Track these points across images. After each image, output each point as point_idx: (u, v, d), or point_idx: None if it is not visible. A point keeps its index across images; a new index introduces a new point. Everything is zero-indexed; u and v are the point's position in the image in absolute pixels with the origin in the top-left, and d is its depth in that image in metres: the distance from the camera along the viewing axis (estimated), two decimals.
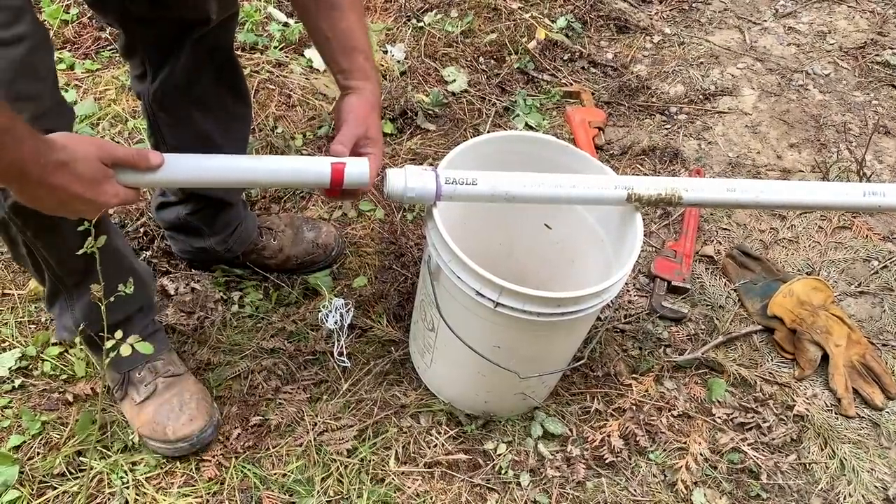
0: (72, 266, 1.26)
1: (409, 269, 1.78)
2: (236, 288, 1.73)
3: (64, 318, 1.37)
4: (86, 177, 0.98)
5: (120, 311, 1.29)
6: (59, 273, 1.29)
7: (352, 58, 1.22)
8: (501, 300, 1.19)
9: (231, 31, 1.41)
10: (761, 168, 2.12)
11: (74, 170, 0.97)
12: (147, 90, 1.39)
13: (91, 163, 0.99)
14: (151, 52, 1.35)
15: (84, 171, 0.98)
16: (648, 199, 1.29)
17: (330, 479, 1.43)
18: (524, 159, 1.41)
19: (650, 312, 1.76)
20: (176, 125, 1.43)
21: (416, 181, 1.20)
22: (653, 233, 1.94)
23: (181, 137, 1.44)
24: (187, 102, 1.40)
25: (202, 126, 1.43)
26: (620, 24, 2.53)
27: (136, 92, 1.46)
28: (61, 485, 1.39)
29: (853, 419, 1.62)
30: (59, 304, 1.36)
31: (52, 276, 1.30)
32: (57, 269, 1.29)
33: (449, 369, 1.49)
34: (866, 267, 1.90)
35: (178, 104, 1.40)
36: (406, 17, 2.44)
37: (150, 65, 1.36)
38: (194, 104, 1.40)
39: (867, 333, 1.75)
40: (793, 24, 2.61)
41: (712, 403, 1.60)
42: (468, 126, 2.15)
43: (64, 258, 1.25)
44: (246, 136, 1.58)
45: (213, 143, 1.45)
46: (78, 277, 1.30)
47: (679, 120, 2.25)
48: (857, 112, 2.31)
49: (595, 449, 1.51)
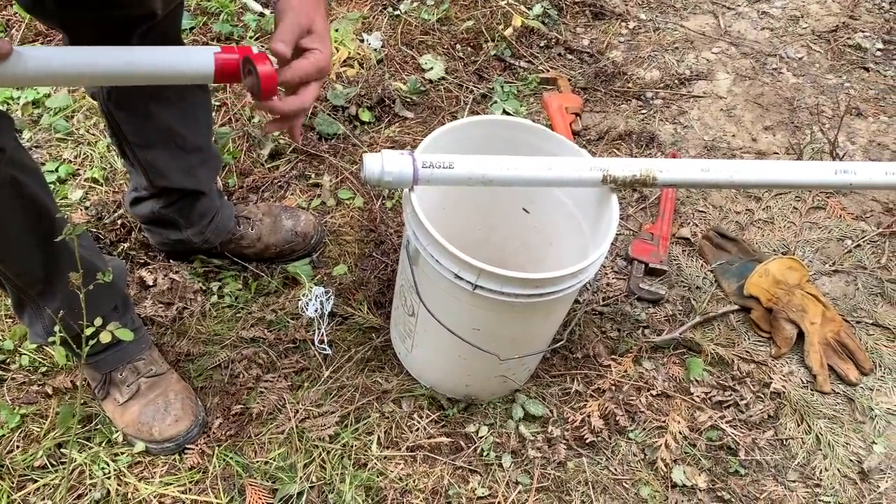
0: (32, 277, 1.24)
1: (390, 256, 1.78)
2: (215, 278, 1.72)
3: (35, 327, 1.35)
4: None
5: (93, 312, 1.21)
6: (19, 285, 1.26)
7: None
8: (480, 283, 1.20)
9: (178, 21, 1.37)
10: (737, 151, 2.14)
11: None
12: (100, 90, 1.36)
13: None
14: None
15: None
16: (623, 180, 1.30)
17: (313, 466, 1.44)
18: (501, 144, 1.41)
19: (628, 294, 1.77)
20: (136, 122, 1.40)
21: (393, 165, 1.20)
22: (630, 216, 1.95)
23: (143, 133, 1.42)
24: (143, 98, 1.37)
25: (162, 118, 1.40)
26: (596, 10, 2.54)
27: (89, 94, 1.42)
28: (42, 477, 1.38)
29: (829, 395, 1.65)
30: (28, 313, 1.33)
31: (12, 287, 1.28)
32: (17, 281, 1.26)
33: (430, 354, 1.49)
34: (840, 246, 1.93)
35: (134, 101, 1.37)
36: (382, 6, 2.43)
37: None
38: (151, 98, 1.37)
39: (841, 311, 1.78)
40: (766, 9, 2.63)
41: (690, 382, 1.62)
42: (446, 113, 2.15)
43: (21, 271, 1.23)
44: (209, 122, 1.56)
45: (177, 132, 1.43)
46: (40, 287, 1.26)
47: (655, 105, 2.26)
48: (830, 94, 2.34)
49: (575, 429, 1.52)
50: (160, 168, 1.48)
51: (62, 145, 1.95)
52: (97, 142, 1.96)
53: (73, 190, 1.85)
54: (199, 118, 1.50)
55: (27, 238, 1.17)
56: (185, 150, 1.48)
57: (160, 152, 1.46)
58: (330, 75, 2.18)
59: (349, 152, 2.01)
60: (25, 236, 1.17)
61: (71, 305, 1.24)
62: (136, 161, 1.47)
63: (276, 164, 1.97)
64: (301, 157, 1.98)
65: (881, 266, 1.88)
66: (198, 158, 1.52)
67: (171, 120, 1.42)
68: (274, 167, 1.96)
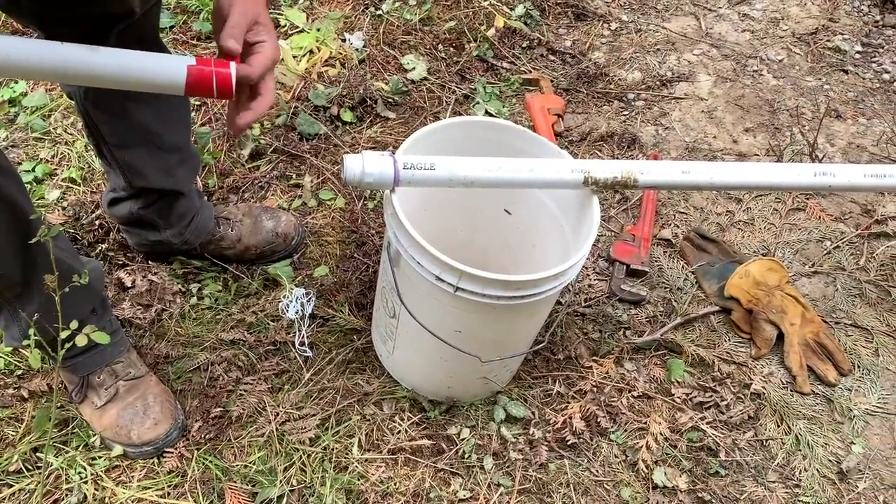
0: (9, 280, 1.22)
1: (371, 257, 1.77)
2: (195, 280, 1.70)
3: (11, 330, 1.32)
4: None
5: (70, 315, 1.20)
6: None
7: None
8: (461, 284, 1.20)
9: (156, 19, 1.35)
10: (718, 152, 2.16)
11: None
12: (77, 90, 1.35)
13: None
14: None
15: None
16: (605, 182, 1.30)
17: (293, 469, 1.43)
18: (483, 145, 1.41)
19: (609, 296, 1.78)
20: (112, 122, 1.39)
21: (374, 166, 1.20)
22: (611, 217, 1.96)
23: (120, 132, 1.40)
24: (120, 96, 1.35)
25: (139, 118, 1.39)
26: (578, 11, 2.55)
27: (66, 92, 1.40)
28: (17, 482, 1.36)
29: (808, 396, 1.66)
30: (4, 316, 1.31)
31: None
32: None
33: (411, 355, 1.49)
34: (819, 247, 1.94)
35: (112, 100, 1.35)
36: (364, 6, 2.42)
37: None
38: (127, 98, 1.36)
39: (820, 312, 1.79)
40: (747, 11, 2.65)
41: (671, 384, 1.63)
42: (428, 114, 2.14)
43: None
44: (187, 120, 1.55)
45: (154, 132, 1.42)
46: (18, 290, 1.24)
47: (637, 106, 2.27)
48: (810, 97, 2.36)
49: (557, 431, 1.52)
50: (138, 168, 1.46)
51: (39, 145, 1.93)
52: (75, 141, 1.93)
53: (50, 190, 1.83)
54: (177, 117, 1.48)
55: (3, 240, 1.15)
56: (163, 150, 1.46)
57: (138, 152, 1.44)
58: (311, 75, 2.17)
59: (331, 153, 2.00)
60: (1, 238, 1.15)
61: (48, 308, 1.22)
62: (113, 161, 1.45)
63: (256, 165, 1.95)
64: (282, 158, 1.97)
65: (860, 267, 1.90)
66: (176, 158, 1.50)
67: (148, 119, 1.40)
68: (254, 167, 1.94)
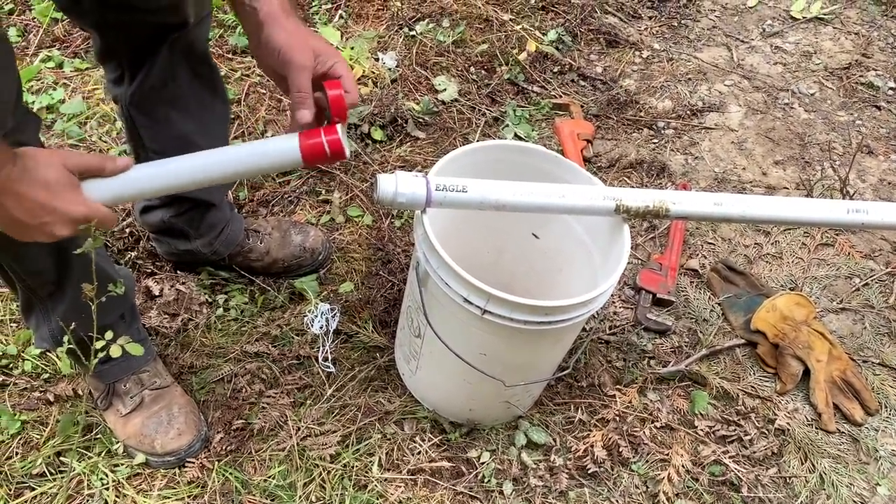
0: (43, 278, 1.24)
1: (396, 275, 1.78)
2: (222, 291, 1.72)
3: (41, 330, 1.34)
4: (50, 182, 0.94)
5: (100, 320, 1.21)
6: (31, 285, 1.26)
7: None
8: (489, 307, 1.20)
9: (206, 30, 1.39)
10: (747, 184, 2.15)
11: (37, 175, 0.93)
12: (124, 93, 1.37)
13: (55, 168, 0.96)
14: (128, 55, 1.32)
15: (48, 175, 0.94)
16: (636, 210, 1.30)
17: (312, 485, 1.42)
18: (514, 168, 1.41)
19: (635, 324, 1.77)
20: (154, 127, 1.41)
21: (407, 187, 1.20)
22: (638, 245, 1.95)
23: (160, 140, 1.42)
24: (165, 104, 1.38)
25: (181, 127, 1.41)
26: (610, 38, 2.55)
27: (112, 96, 1.43)
28: (40, 485, 1.37)
29: (833, 434, 1.63)
30: (35, 315, 1.33)
31: (23, 288, 1.28)
32: (29, 282, 1.26)
33: (434, 376, 1.49)
34: (848, 284, 1.92)
35: (156, 106, 1.38)
36: (398, 26, 2.45)
37: (127, 68, 1.34)
38: (172, 105, 1.39)
39: (848, 350, 1.77)
40: (779, 44, 2.64)
41: (695, 416, 1.61)
42: (458, 135, 2.15)
43: (34, 270, 1.23)
44: (225, 135, 1.57)
45: (194, 143, 1.43)
46: (51, 288, 1.27)
47: (667, 134, 2.27)
48: (841, 131, 2.34)
49: (578, 459, 1.51)
50: None
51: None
52: (109, 149, 1.96)
53: None
54: (217, 131, 1.50)
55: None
56: None
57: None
58: None
59: (360, 170, 2.01)
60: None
61: (78, 308, 1.24)
62: None
63: (286, 179, 1.97)
64: (312, 173, 1.99)
65: (889, 306, 1.87)
66: None
67: (190, 129, 1.42)
68: (285, 182, 1.96)
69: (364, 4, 2.50)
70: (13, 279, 1.26)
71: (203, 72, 1.41)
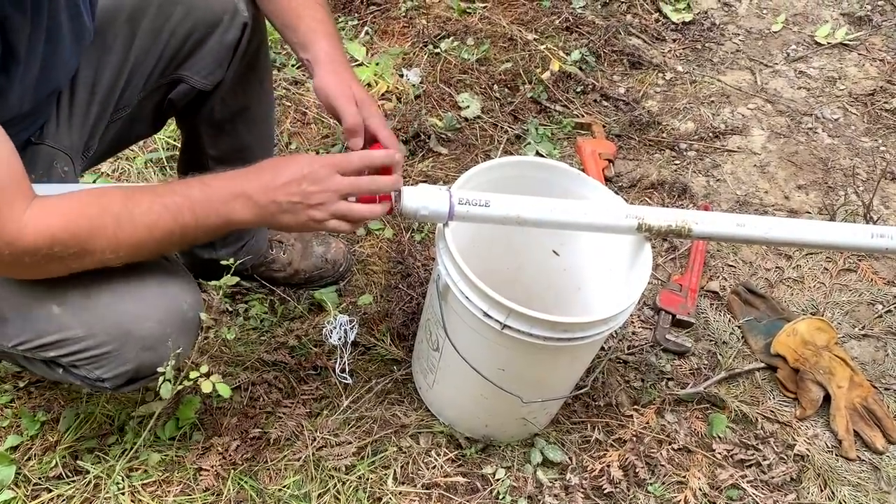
0: None
1: (416, 289, 1.78)
2: (242, 300, 1.73)
3: None
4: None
5: None
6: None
7: (299, 30, 1.26)
8: (509, 322, 1.20)
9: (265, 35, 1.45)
10: (769, 207, 2.14)
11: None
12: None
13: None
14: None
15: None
16: (658, 230, 1.30)
17: (327, 496, 1.42)
18: (536, 185, 1.42)
19: (654, 345, 1.76)
20: (220, 136, 1.47)
21: (430, 200, 1.21)
22: (659, 266, 1.94)
23: (223, 147, 1.48)
24: (240, 119, 1.45)
25: (246, 138, 1.48)
26: (634, 59, 2.56)
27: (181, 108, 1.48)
28: (56, 487, 1.38)
29: (854, 461, 1.61)
30: None
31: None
32: None
33: (451, 390, 1.49)
34: (870, 310, 1.90)
35: (234, 119, 1.45)
36: (423, 43, 2.47)
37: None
38: (245, 120, 1.45)
39: (870, 377, 1.75)
40: (804, 69, 2.64)
41: (713, 438, 1.60)
42: (480, 151, 2.16)
43: None
44: (272, 146, 1.64)
45: (252, 155, 1.44)
46: None
47: (689, 156, 2.27)
48: (865, 157, 2.33)
49: (594, 478, 1.50)
50: None
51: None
52: (136, 157, 1.99)
53: None
54: (267, 143, 1.57)
55: None
56: None
57: (231, 167, 1.50)
58: None
59: None
60: None
61: None
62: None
63: None
64: None
65: None
66: None
67: (251, 141, 1.48)
68: None
69: (389, 21, 2.53)
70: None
71: (266, 78, 1.49)
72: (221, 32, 1.31)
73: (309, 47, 1.25)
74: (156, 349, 1.15)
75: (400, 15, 2.55)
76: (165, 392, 1.20)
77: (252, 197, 1.08)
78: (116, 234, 1.02)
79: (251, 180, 1.10)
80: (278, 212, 1.10)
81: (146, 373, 1.17)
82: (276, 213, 1.10)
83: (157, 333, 1.14)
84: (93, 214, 1.01)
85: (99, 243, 1.01)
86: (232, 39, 1.32)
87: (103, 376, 1.15)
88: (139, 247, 1.05)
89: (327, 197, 1.10)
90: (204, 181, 1.09)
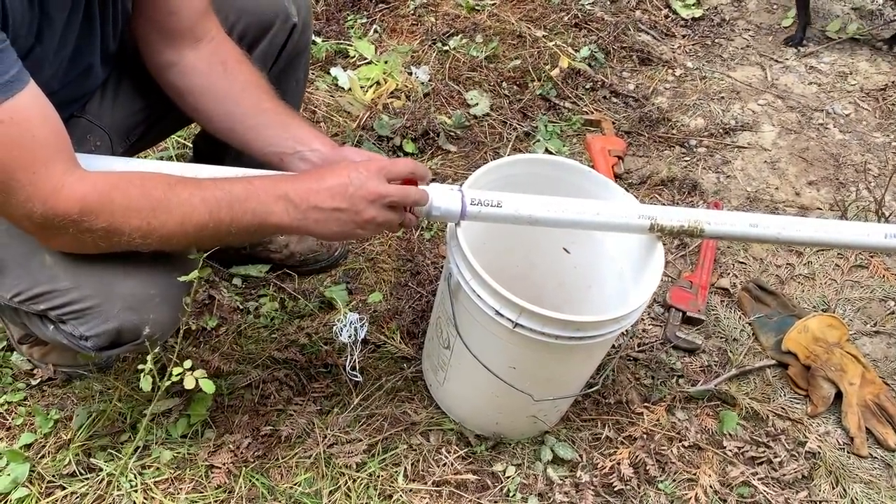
0: None
1: (425, 286, 1.78)
2: (253, 297, 1.74)
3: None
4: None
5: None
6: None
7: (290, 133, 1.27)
8: (520, 321, 1.20)
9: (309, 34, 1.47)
10: (779, 204, 2.13)
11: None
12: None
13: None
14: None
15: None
16: (671, 229, 1.30)
17: (338, 493, 1.43)
18: (546, 182, 1.41)
19: (664, 342, 1.75)
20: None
21: (442, 200, 1.21)
22: (669, 263, 1.94)
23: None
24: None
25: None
26: (643, 56, 2.56)
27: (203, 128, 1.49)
28: (70, 485, 1.39)
29: (865, 459, 1.60)
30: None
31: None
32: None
33: (462, 388, 1.49)
34: (882, 307, 1.90)
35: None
36: (432, 41, 2.47)
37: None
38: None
39: (882, 374, 1.74)
40: (814, 64, 2.63)
41: (723, 436, 1.59)
42: (489, 149, 2.16)
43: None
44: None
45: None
46: None
47: (699, 153, 2.26)
48: (877, 153, 2.32)
49: (604, 476, 1.50)
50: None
51: None
52: (147, 155, 1.99)
53: None
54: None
55: None
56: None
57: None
58: (377, 105, 2.21)
59: None
60: None
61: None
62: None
63: None
64: None
65: None
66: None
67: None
68: None
69: (398, 19, 2.53)
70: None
71: (303, 77, 1.52)
72: (272, 36, 1.34)
73: (306, 143, 1.25)
74: (138, 311, 1.12)
75: (409, 12, 2.55)
76: (146, 385, 1.19)
77: (293, 200, 1.08)
78: (149, 220, 1.01)
79: (294, 183, 1.09)
80: (321, 219, 1.09)
81: (128, 337, 1.14)
82: (319, 220, 1.09)
83: (141, 293, 1.12)
84: (133, 195, 1.00)
85: (131, 224, 1.00)
86: (280, 41, 1.35)
87: (86, 333, 1.13)
88: (170, 236, 1.04)
89: (373, 204, 1.12)
90: (249, 179, 1.09)
